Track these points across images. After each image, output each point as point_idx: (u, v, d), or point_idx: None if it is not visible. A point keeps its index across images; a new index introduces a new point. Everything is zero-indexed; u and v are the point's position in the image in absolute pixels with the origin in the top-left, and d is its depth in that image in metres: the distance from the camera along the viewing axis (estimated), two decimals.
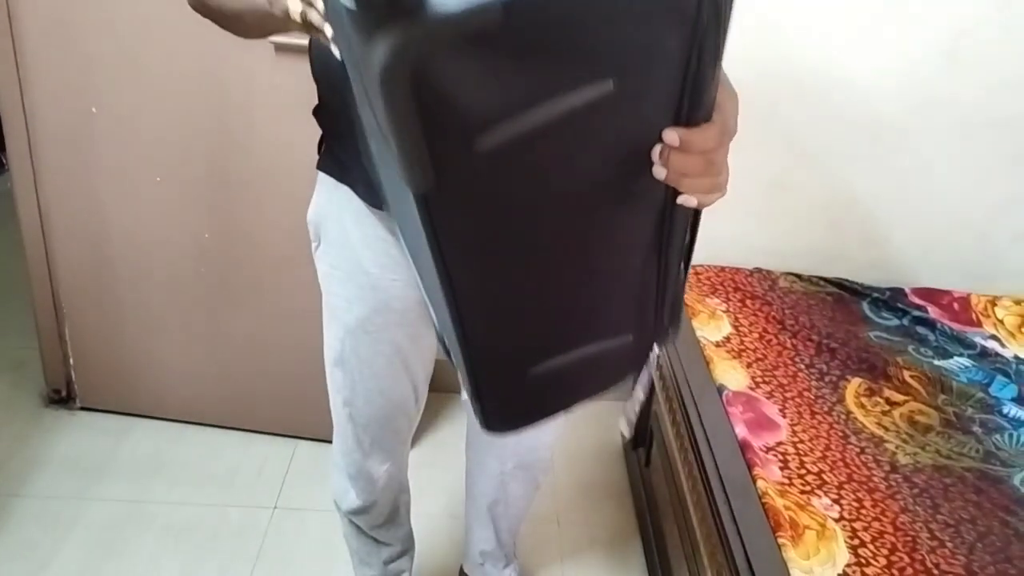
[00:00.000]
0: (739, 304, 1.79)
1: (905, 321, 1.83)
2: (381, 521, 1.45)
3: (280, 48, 1.65)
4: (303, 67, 1.08)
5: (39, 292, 2.02)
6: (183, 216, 1.89)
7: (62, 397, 2.18)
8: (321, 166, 1.14)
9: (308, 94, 1.09)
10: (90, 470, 1.99)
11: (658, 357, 1.70)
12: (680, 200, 0.65)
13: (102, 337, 2.08)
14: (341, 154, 1.09)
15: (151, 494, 1.94)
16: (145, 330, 2.05)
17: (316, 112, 1.11)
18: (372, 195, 1.07)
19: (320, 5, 0.69)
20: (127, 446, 2.09)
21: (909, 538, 1.19)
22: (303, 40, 1.08)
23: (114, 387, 2.15)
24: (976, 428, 1.50)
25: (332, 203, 1.13)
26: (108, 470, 2.00)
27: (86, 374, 2.14)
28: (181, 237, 1.91)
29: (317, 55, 1.04)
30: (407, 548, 1.57)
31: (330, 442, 1.36)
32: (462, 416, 1.46)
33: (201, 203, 1.87)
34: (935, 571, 1.13)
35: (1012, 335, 1.80)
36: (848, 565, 1.12)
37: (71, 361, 2.12)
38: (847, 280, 1.96)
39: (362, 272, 1.13)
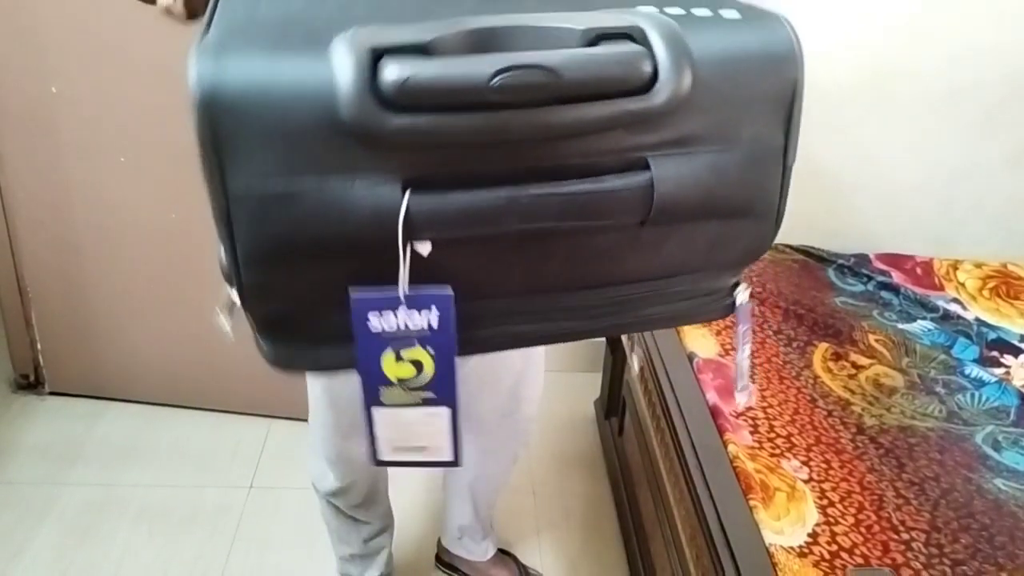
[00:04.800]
0: None
1: (870, 286, 1.86)
2: (360, 501, 1.46)
3: None
4: None
5: (3, 276, 1.99)
6: (149, 196, 1.87)
7: (30, 382, 2.16)
8: None
9: None
10: (62, 455, 1.98)
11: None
12: None
13: (69, 321, 2.05)
14: None
15: (124, 478, 1.93)
16: (113, 313, 2.03)
17: None
18: None
19: None
20: (98, 430, 2.07)
21: (876, 497, 1.22)
22: None
23: (83, 371, 2.13)
24: (939, 389, 1.53)
25: None
26: (80, 455, 1.99)
27: (54, 359, 2.12)
28: (147, 218, 1.89)
29: None
30: (386, 525, 1.58)
31: (304, 420, 1.36)
32: None
33: (167, 183, 1.85)
34: (901, 527, 1.17)
35: (973, 298, 1.84)
36: (817, 524, 1.15)
37: (38, 346, 2.10)
38: (813, 247, 1.99)
39: None
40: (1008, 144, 2.08)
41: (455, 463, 0.73)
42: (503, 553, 1.77)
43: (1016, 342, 1.67)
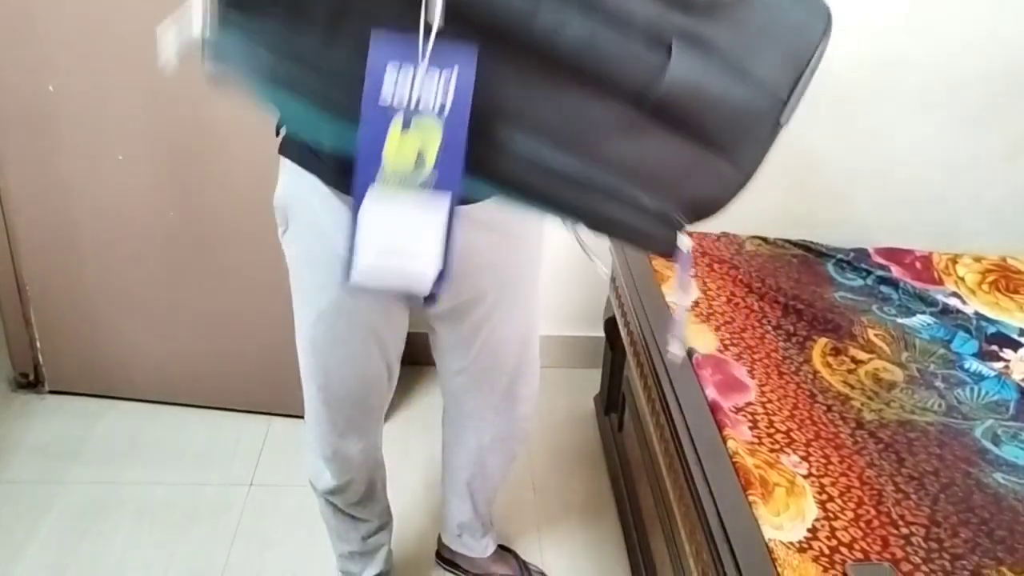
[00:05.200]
0: (707, 268, 1.81)
1: (869, 281, 1.86)
2: (357, 499, 1.46)
3: None
4: None
5: (2, 275, 1.99)
6: (147, 195, 1.87)
7: (30, 381, 2.16)
8: (284, 151, 1.09)
9: None
10: (62, 454, 1.98)
11: (628, 324, 1.71)
12: None
13: (69, 320, 2.05)
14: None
15: (125, 476, 1.94)
16: (113, 311, 2.03)
17: None
18: (342, 180, 1.01)
19: None
20: (99, 428, 2.07)
21: (875, 491, 1.22)
22: None
23: (83, 370, 2.13)
24: (939, 383, 1.53)
25: (299, 187, 1.09)
26: (80, 453, 1.99)
27: (54, 357, 2.12)
28: (146, 216, 1.89)
29: None
30: (385, 522, 1.58)
31: (304, 417, 1.36)
32: (437, 388, 1.47)
33: (165, 181, 1.85)
34: (900, 522, 1.17)
35: (972, 292, 1.83)
36: (817, 520, 1.15)
37: (38, 345, 2.10)
38: (812, 242, 1.98)
39: (335, 256, 1.09)
40: (1007, 137, 2.08)
41: (440, 279, 0.69)
42: (503, 549, 1.77)
43: (1015, 336, 1.67)
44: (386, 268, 0.67)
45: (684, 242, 0.77)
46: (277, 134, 1.12)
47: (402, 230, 0.66)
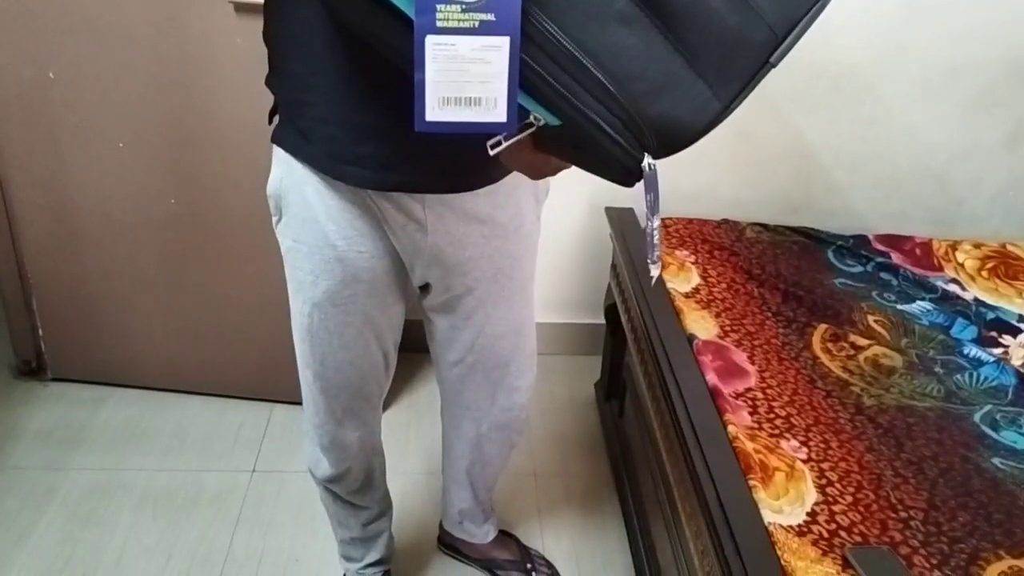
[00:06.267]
0: (707, 255, 1.81)
1: (869, 267, 1.87)
2: (356, 487, 1.46)
3: (240, 8, 1.62)
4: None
5: (4, 263, 2.00)
6: (148, 182, 1.87)
7: (32, 368, 2.16)
8: (277, 139, 1.09)
9: None
10: (65, 440, 1.99)
11: (628, 311, 1.72)
12: None
13: (71, 307, 2.06)
14: (299, 123, 1.03)
15: (128, 462, 1.94)
16: (115, 298, 2.03)
17: (269, 81, 1.06)
18: (334, 166, 1.03)
19: None
20: (101, 415, 2.08)
21: (874, 476, 1.23)
22: None
23: (85, 357, 2.14)
24: (938, 369, 1.54)
25: (292, 176, 1.08)
26: (83, 440, 2.00)
27: (56, 344, 2.13)
28: (147, 203, 1.89)
29: (279, 18, 0.99)
30: (384, 509, 1.58)
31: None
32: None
33: (166, 168, 1.85)
34: (899, 506, 1.18)
35: (972, 278, 1.84)
36: (816, 504, 1.16)
37: (40, 332, 2.10)
38: (812, 229, 1.99)
39: (328, 245, 1.10)
40: (1007, 123, 2.08)
41: (507, 126, 0.69)
42: (504, 535, 1.78)
43: (1014, 322, 1.68)
44: (453, 118, 0.68)
45: (648, 162, 0.74)
46: (270, 122, 1.11)
47: (466, 75, 0.67)
